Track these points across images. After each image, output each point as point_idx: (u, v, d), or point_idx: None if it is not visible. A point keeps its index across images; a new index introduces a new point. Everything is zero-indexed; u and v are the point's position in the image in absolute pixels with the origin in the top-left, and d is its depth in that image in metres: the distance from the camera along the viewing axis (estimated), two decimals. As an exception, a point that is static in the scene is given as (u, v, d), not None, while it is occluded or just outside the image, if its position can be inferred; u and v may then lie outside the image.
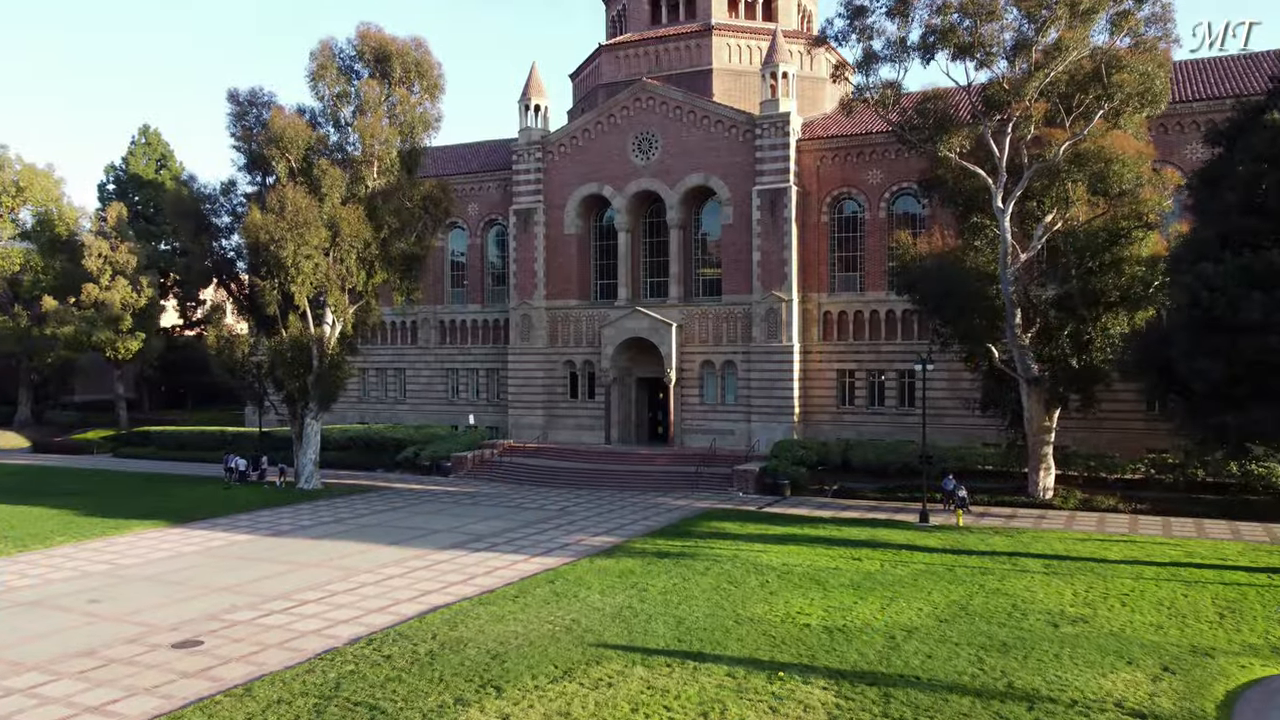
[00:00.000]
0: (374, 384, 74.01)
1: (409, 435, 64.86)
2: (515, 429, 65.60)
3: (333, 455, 65.17)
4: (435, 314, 71.45)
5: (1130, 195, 41.03)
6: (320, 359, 51.82)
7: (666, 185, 61.49)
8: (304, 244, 48.44)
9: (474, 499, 50.84)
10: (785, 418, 57.61)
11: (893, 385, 57.56)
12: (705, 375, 60.95)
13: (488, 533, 40.73)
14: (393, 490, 54.21)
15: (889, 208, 58.08)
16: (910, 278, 45.30)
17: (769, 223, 58.06)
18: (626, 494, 52.14)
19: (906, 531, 40.33)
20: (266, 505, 48.83)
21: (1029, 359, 45.16)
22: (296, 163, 51.49)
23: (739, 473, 52.77)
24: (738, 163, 59.67)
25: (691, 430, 61.02)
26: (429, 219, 54.38)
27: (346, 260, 50.82)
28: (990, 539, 38.46)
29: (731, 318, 59.92)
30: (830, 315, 59.06)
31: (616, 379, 62.73)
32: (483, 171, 69.92)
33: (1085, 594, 29.47)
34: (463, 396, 70.43)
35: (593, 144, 63.94)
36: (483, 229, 70.22)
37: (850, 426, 58.17)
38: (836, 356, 58.80)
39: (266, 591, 30.80)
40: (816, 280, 59.17)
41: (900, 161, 57.08)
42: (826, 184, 59.14)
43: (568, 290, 64.84)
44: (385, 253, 52.47)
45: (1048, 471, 46.51)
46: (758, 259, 58.35)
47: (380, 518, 44.89)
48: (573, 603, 28.76)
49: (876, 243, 58.09)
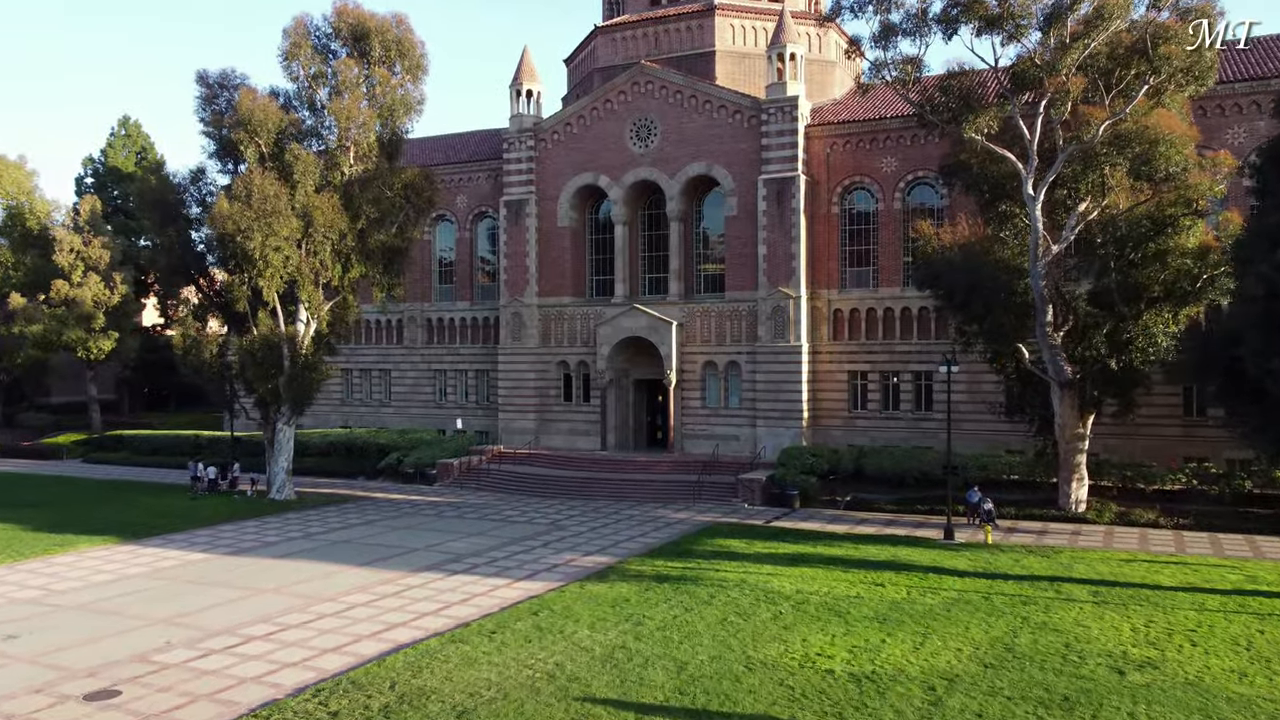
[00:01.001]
0: (358, 386, 70.22)
1: (392, 441, 61.09)
2: (505, 434, 61.84)
3: (312, 462, 61.52)
4: (422, 312, 67.66)
5: (1177, 179, 37.26)
6: (292, 359, 48.01)
7: (666, 175, 57.74)
8: (273, 235, 44.66)
9: (458, 511, 47.06)
10: (793, 423, 53.84)
11: (908, 388, 53.78)
12: (707, 377, 57.20)
13: (469, 552, 36.95)
14: (371, 501, 50.43)
15: (904, 198, 54.30)
16: (932, 271, 41.49)
17: (775, 214, 54.30)
18: (623, 505, 48.38)
19: (931, 550, 36.54)
20: (232, 518, 45.03)
21: (1061, 360, 41.42)
22: (267, 148, 47.70)
23: (744, 482, 48.99)
24: (742, 150, 55.91)
25: (693, 435, 57.27)
26: (411, 209, 50.60)
27: (320, 253, 47.04)
28: (1025, 559, 34.67)
29: (735, 316, 56.16)
30: (841, 313, 55.29)
31: (613, 381, 59.00)
32: (472, 161, 66.15)
33: (1146, 630, 25.70)
34: (451, 399, 66.65)
35: (588, 131, 60.18)
36: (472, 222, 66.44)
37: (862, 432, 54.41)
38: (848, 357, 55.03)
39: (210, 624, 27.02)
40: (826, 276, 55.41)
41: (917, 148, 53.33)
42: (837, 173, 55.38)
43: (561, 286, 61.09)
44: (363, 245, 48.69)
45: (1080, 482, 42.76)
46: (763, 253, 54.58)
47: (354, 533, 41.10)
48: (557, 640, 24.99)
49: (891, 235, 54.33)
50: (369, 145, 49.41)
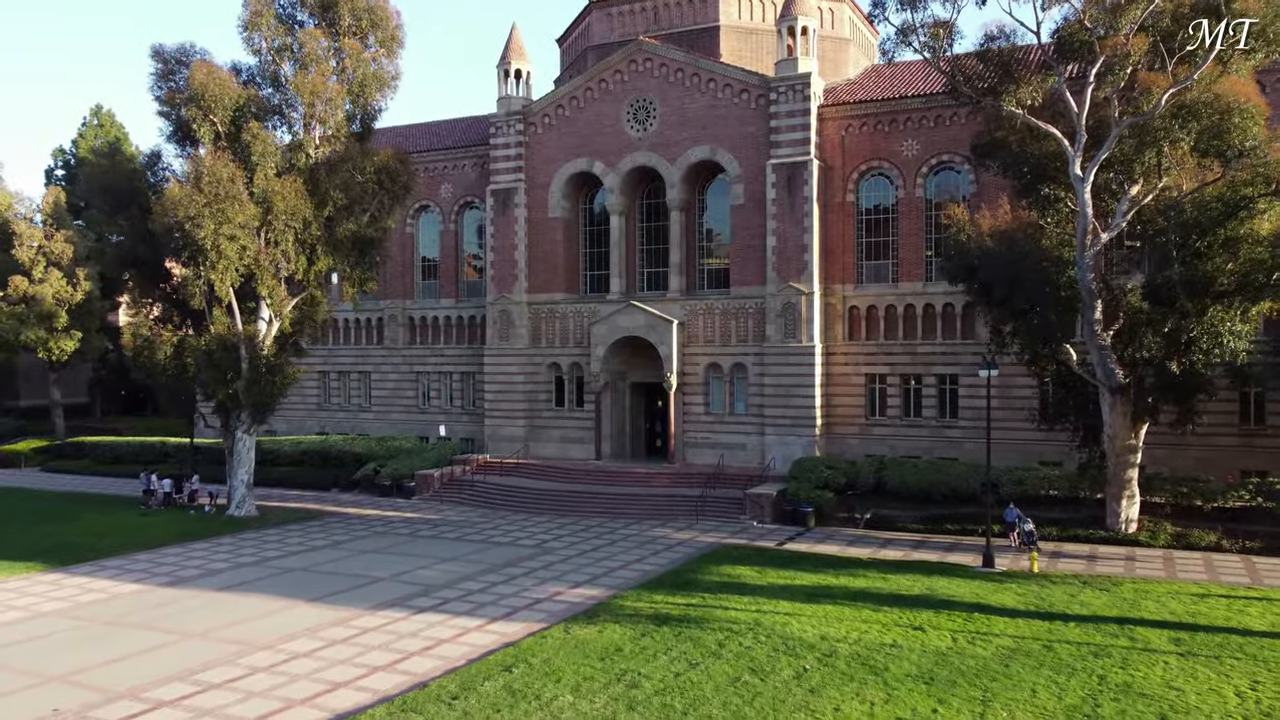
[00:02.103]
0: (335, 389, 65.48)
1: (369, 449, 56.35)
2: (492, 441, 57.11)
3: (283, 472, 56.85)
4: (404, 310, 62.93)
5: (1253, 156, 32.51)
6: (252, 362, 43.27)
7: (666, 160, 53.03)
8: (226, 222, 39.96)
9: (435, 529, 42.35)
10: (805, 430, 49.11)
11: (931, 393, 49.04)
12: (711, 380, 52.49)
13: (440, 582, 32.22)
14: (341, 518, 45.69)
15: (927, 184, 49.57)
16: (966, 262, 36.75)
17: (786, 202, 49.59)
18: (619, 523, 43.66)
19: (971, 581, 31.79)
20: (181, 538, 40.31)
21: (1111, 362, 36.73)
22: (224, 127, 43.04)
23: (753, 498, 44.27)
24: (749, 133, 51.19)
25: (695, 444, 52.55)
26: (385, 196, 45.82)
27: (282, 243, 42.31)
28: (1081, 594, 29.94)
29: (742, 314, 51.45)
30: (857, 311, 50.56)
31: (608, 384, 54.29)
32: (457, 148, 61.41)
33: (1253, 693, 21.00)
34: (434, 404, 61.91)
35: (581, 114, 55.46)
36: (457, 213, 61.70)
37: (881, 441, 49.68)
38: (865, 359, 50.31)
39: (114, 684, 22.31)
40: (841, 269, 50.69)
41: (941, 129, 48.61)
42: (853, 157, 50.65)
43: (553, 282, 56.38)
44: (331, 235, 43.96)
45: (1131, 500, 38.06)
46: (773, 245, 49.88)
47: (315, 558, 36.37)
48: (533, 709, 20.27)
49: (912, 225, 49.61)
50: (338, 125, 44.74)
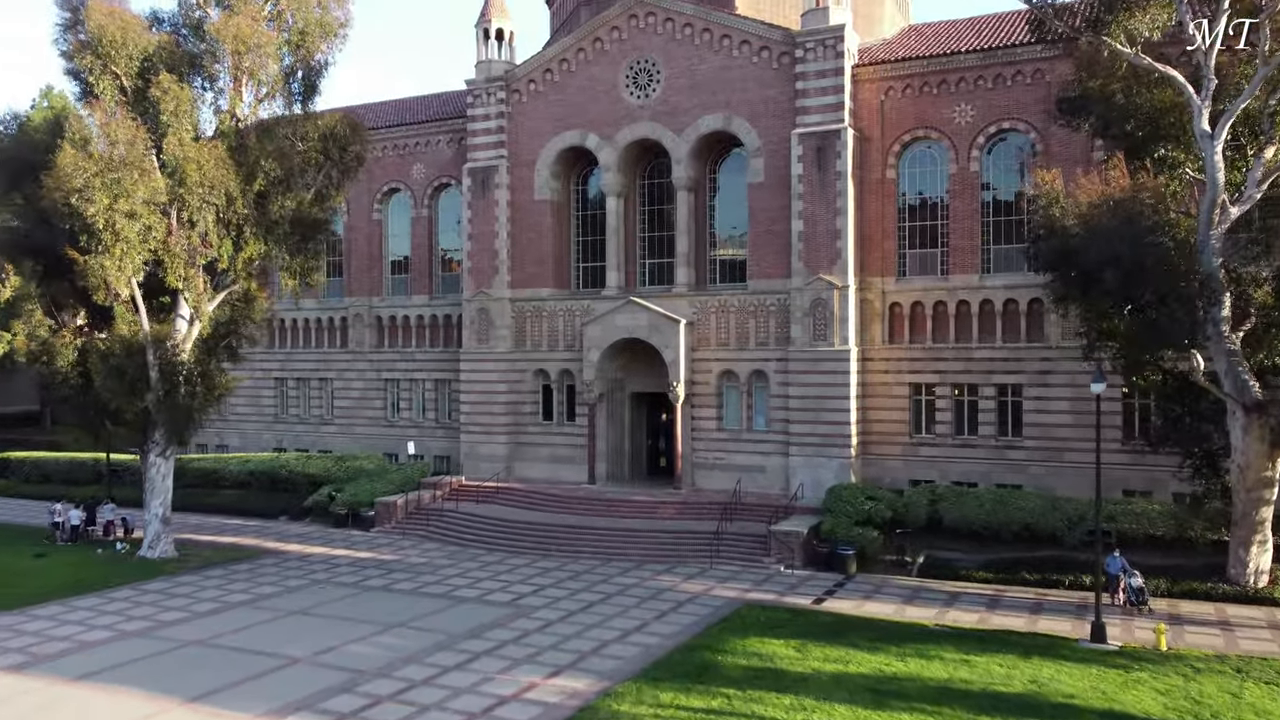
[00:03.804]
0: (294, 398, 57.44)
1: (326, 470, 48.32)
2: (469, 460, 49.06)
3: (227, 497, 49.01)
4: (370, 308, 54.89)
5: None
6: (165, 370, 35.21)
7: (672, 132, 45.04)
8: (124, 195, 31.94)
9: (388, 577, 34.32)
10: (838, 451, 41.08)
11: (989, 406, 40.98)
12: (725, 390, 44.48)
13: (374, 666, 24.18)
14: (279, 558, 37.67)
15: (985, 157, 41.56)
16: (1060, 244, 28.60)
17: (814, 180, 41.60)
18: (615, 567, 35.66)
19: (1085, 668, 23.68)
20: (69, 590, 32.24)
21: (1243, 372, 28.77)
22: (129, 80, 35.07)
23: (779, 536, 36.20)
24: (770, 98, 43.21)
25: (706, 466, 44.52)
26: (333, 168, 37.92)
27: (200, 223, 34.27)
28: (1244, 689, 21.88)
29: (762, 312, 43.43)
30: (899, 308, 42.53)
31: (604, 395, 46.27)
32: (431, 121, 53.37)
33: None
34: (404, 415, 53.86)
35: (573, 79, 47.48)
36: (431, 196, 53.67)
37: (928, 464, 41.67)
38: (909, 365, 42.28)
39: None
40: (880, 260, 42.68)
41: (1001, 91, 40.59)
42: (895, 126, 42.63)
43: (540, 275, 48.37)
44: (262, 214, 35.94)
45: (1263, 546, 30.09)
46: (799, 230, 41.89)
47: (221, 623, 28.34)
48: None
49: (966, 206, 41.58)
50: (273, 81, 36.76)
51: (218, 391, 39.00)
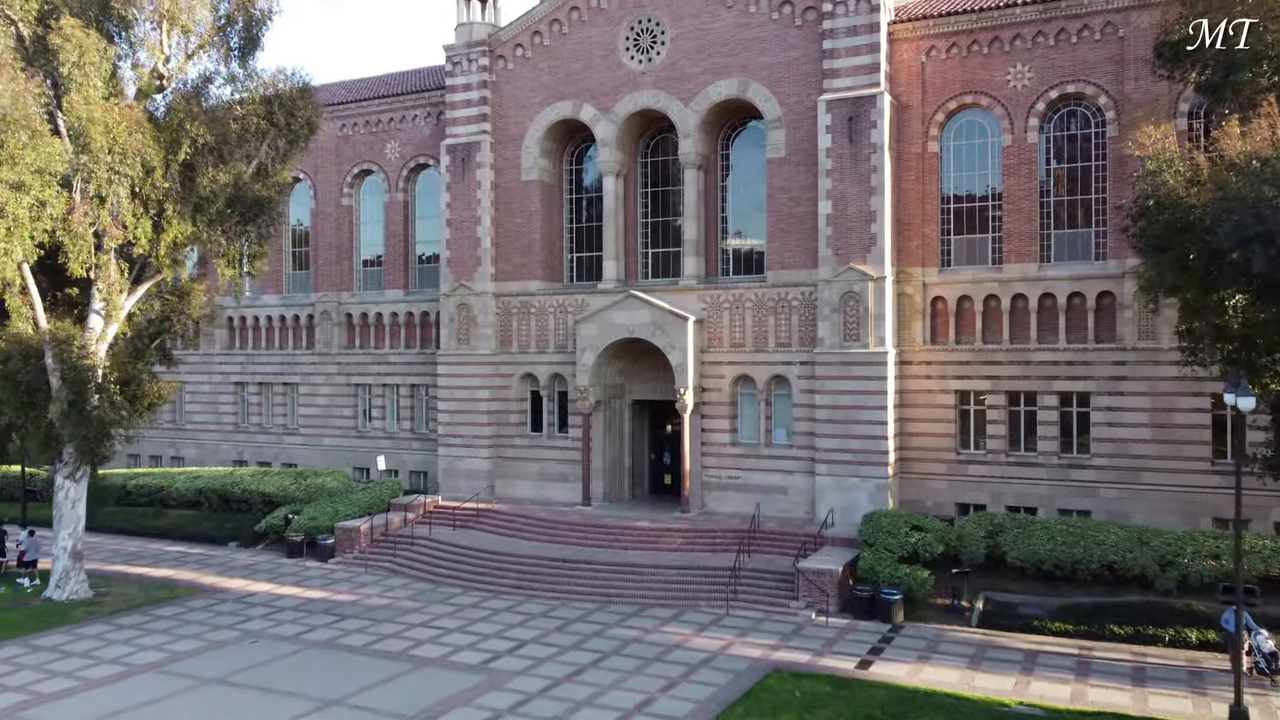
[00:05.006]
0: (255, 405, 51.44)
1: (283, 489, 42.36)
2: (447, 477, 43.12)
3: (173, 519, 43.27)
4: (339, 304, 48.93)
5: None
6: (70, 376, 29.21)
7: (679, 100, 39.14)
8: (7, 162, 25.98)
9: (338, 626, 28.35)
10: (873, 470, 35.13)
11: (1051, 418, 34.98)
12: (741, 398, 38.56)
13: (291, 773, 18.29)
14: (214, 598, 31.70)
15: (1045, 125, 35.62)
16: (1179, 217, 22.51)
17: (845, 154, 35.68)
18: (613, 614, 29.70)
19: (1238, 779, 17.80)
20: (-59, 648, 26.38)
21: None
22: (28, 28, 29.12)
23: (809, 575, 30.18)
24: (793, 60, 37.31)
25: (718, 486, 38.59)
26: (280, 137, 31.98)
27: (109, 198, 28.30)
28: None
29: (784, 307, 37.53)
30: (943, 303, 36.60)
31: (601, 403, 40.34)
32: (407, 94, 47.39)
33: None
34: (377, 425, 47.90)
35: (565, 42, 41.57)
36: (406, 179, 47.71)
37: (978, 485, 35.71)
38: (955, 370, 36.33)
39: None
40: (921, 247, 36.73)
41: (1065, 49, 34.62)
42: (938, 91, 36.69)
43: (527, 266, 42.46)
44: (189, 189, 29.97)
45: None
46: (827, 212, 35.97)
47: (111, 698, 22.40)
48: None
49: (1023, 183, 35.63)
50: (206, 32, 30.79)
51: (148, 400, 33.24)
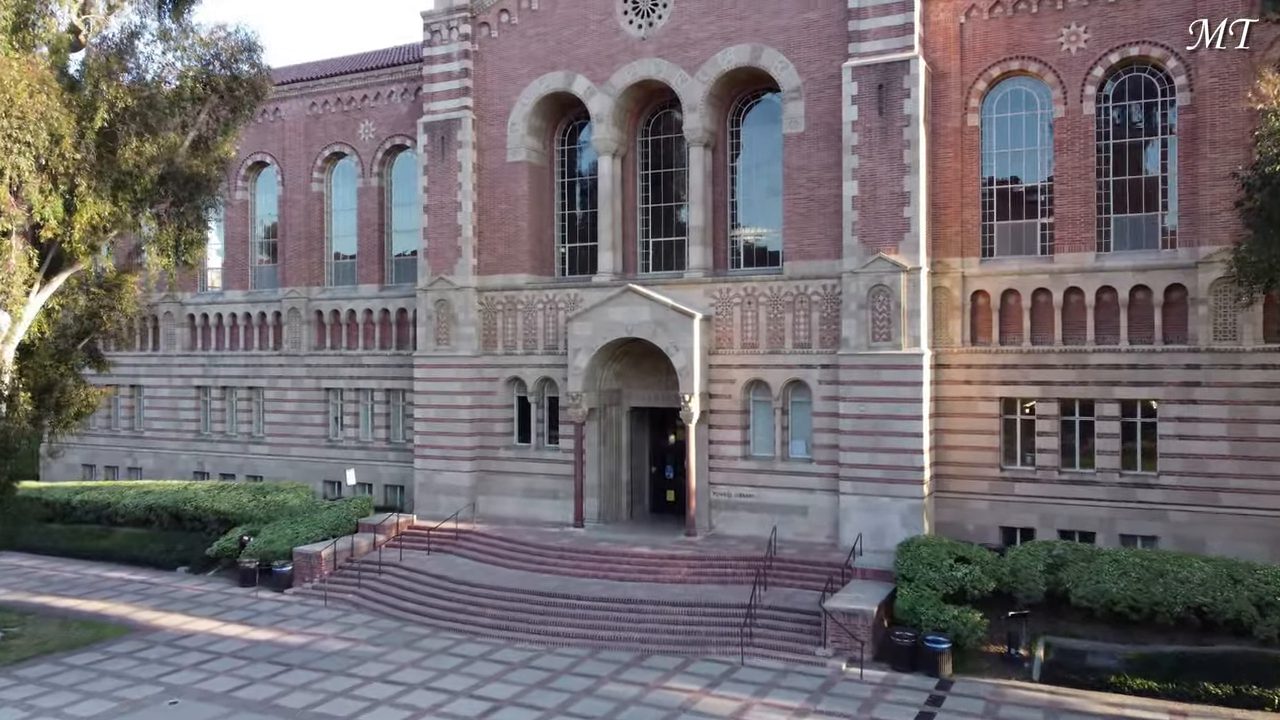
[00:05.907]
0: (217, 412, 46.93)
1: (240, 506, 37.89)
2: (424, 493, 38.67)
3: (120, 538, 38.90)
4: (309, 300, 44.45)
5: None
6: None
7: (684, 70, 34.69)
8: (-127, 125, 21.52)
9: (279, 681, 23.87)
10: (905, 488, 30.67)
11: (1111, 429, 30.47)
12: (754, 405, 34.09)
13: None
14: (141, 641, 27.22)
15: (1103, 96, 31.12)
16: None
17: (875, 127, 31.23)
18: (607, 665, 25.20)
19: None
20: None
21: None
22: (-86, -29, 24.68)
23: (838, 617, 25.64)
24: (813, 22, 32.86)
25: (728, 505, 34.11)
26: (221, 104, 27.50)
27: (9, 170, 23.81)
28: None
29: (802, 303, 33.06)
30: (985, 298, 32.10)
31: (596, 410, 35.86)
32: (382, 69, 42.95)
33: None
34: (350, 434, 43.41)
35: (556, 6, 37.10)
36: (382, 162, 43.23)
37: (1025, 506, 31.23)
38: (999, 374, 31.82)
39: None
40: (960, 234, 32.24)
41: (1128, 6, 30.12)
42: (979, 57, 32.22)
43: (513, 258, 37.98)
44: (109, 162, 25.47)
45: None
46: (853, 194, 31.50)
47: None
48: None
49: (1078, 161, 31.12)
50: (131, -21, 26.34)
51: (74, 409, 28.89)
